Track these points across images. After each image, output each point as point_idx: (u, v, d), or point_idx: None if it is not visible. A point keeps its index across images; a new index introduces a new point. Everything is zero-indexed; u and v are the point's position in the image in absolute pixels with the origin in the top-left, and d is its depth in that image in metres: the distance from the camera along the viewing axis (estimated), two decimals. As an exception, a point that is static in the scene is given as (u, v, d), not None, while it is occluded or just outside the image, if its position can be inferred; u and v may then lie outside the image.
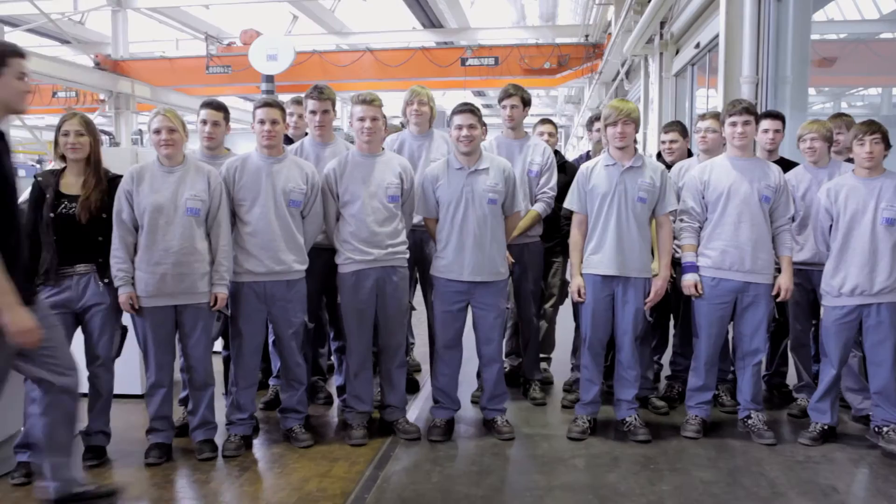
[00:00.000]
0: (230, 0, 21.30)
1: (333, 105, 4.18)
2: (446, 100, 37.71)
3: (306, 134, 4.46)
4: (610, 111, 3.82)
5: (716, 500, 3.22)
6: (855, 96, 12.87)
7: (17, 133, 29.40)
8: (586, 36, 19.30)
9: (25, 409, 3.42)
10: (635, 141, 3.94)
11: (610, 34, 15.24)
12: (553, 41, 25.09)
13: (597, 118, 4.77)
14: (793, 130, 4.58)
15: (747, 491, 3.31)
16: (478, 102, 37.95)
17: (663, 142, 4.78)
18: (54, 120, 5.33)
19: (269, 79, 9.05)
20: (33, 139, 23.43)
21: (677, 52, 11.75)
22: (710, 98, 9.97)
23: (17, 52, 2.77)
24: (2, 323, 2.60)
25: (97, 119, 21.91)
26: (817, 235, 3.92)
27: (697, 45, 9.93)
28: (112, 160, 11.33)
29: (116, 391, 3.72)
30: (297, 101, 4.62)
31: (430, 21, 23.44)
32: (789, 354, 4.51)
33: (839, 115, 4.60)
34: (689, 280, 3.92)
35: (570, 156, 30.61)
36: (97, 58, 20.99)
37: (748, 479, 3.45)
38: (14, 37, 19.33)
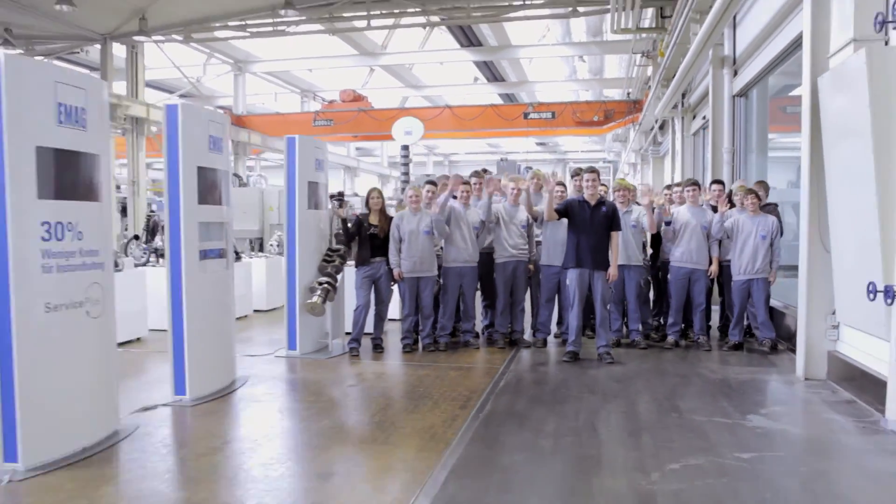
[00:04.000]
0: (331, 65, 25.78)
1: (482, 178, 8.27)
2: (511, 144, 41.91)
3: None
4: (617, 185, 7.81)
5: (673, 364, 7.10)
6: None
7: (152, 174, 34.56)
8: (628, 93, 23.20)
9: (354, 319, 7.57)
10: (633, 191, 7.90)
11: (648, 90, 19.02)
12: (601, 93, 29.10)
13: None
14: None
15: (688, 362, 7.20)
16: (535, 144, 41.42)
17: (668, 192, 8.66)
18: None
19: (405, 147, 13.17)
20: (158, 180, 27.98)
21: (694, 118, 15.65)
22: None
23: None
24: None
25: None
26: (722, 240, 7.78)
27: (704, 118, 13.81)
28: (242, 196, 15.85)
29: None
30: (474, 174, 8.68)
31: (493, 75, 27.71)
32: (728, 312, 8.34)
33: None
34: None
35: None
36: (226, 113, 25.74)
37: (690, 358, 7.35)
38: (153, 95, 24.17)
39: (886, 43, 5.15)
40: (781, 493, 3.79)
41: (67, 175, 4.26)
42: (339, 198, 8.53)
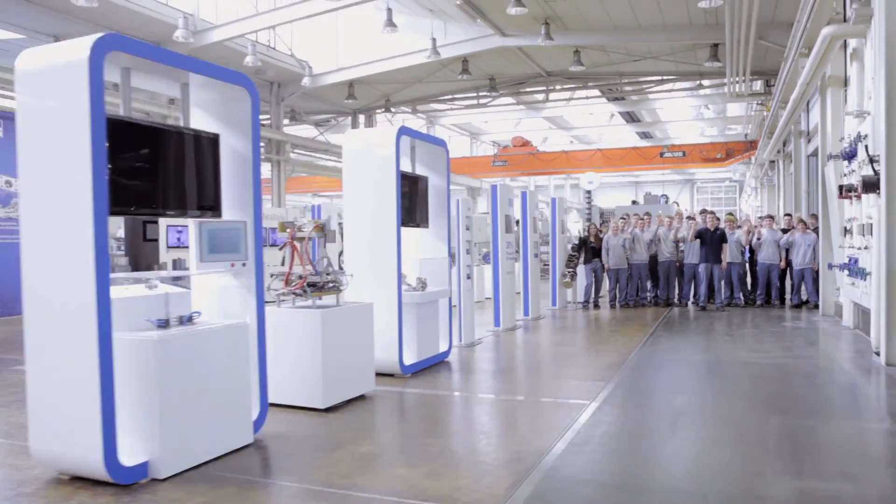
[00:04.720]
0: (502, 118, 33.07)
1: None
2: (649, 174, 47.68)
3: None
4: (726, 218, 14.49)
5: (756, 312, 13.62)
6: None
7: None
8: (745, 135, 29.09)
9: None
10: (736, 222, 14.51)
11: (763, 128, 24.91)
12: (724, 129, 34.80)
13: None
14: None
15: (764, 311, 13.73)
16: (669, 171, 47.49)
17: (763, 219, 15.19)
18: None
19: (588, 192, 20.12)
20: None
21: (791, 161, 21.68)
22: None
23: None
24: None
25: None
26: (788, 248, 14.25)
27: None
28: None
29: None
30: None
31: (630, 117, 34.17)
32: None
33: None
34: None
35: (745, 202, 41.09)
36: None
37: (767, 310, 13.86)
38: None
39: (843, 160, 11.58)
40: (780, 332, 10.44)
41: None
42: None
